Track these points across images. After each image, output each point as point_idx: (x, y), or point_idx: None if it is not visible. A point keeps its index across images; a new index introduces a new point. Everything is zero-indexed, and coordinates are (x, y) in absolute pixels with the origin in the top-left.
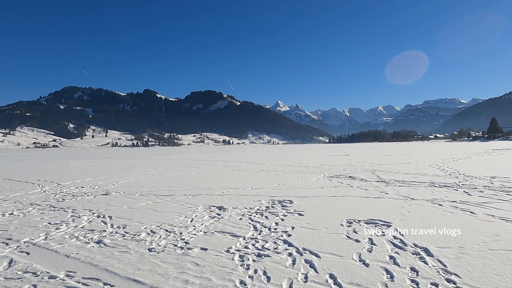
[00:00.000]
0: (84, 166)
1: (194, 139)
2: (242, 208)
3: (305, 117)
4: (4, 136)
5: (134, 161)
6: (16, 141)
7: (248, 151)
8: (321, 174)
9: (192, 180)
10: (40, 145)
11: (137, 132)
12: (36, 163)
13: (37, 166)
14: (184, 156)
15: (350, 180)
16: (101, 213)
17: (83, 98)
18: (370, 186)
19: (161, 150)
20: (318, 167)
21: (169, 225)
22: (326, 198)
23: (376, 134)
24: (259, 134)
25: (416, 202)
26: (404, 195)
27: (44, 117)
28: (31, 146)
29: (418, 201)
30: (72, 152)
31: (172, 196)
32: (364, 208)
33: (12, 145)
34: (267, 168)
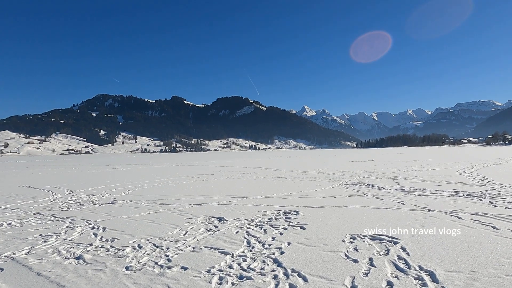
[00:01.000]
0: (106, 172)
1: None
2: (243, 220)
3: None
4: (40, 143)
5: (156, 168)
6: (51, 147)
7: (272, 156)
8: (338, 182)
9: (204, 187)
10: (73, 152)
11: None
12: (61, 170)
13: (60, 173)
14: (206, 162)
15: (367, 188)
16: (97, 224)
17: (114, 106)
18: (386, 195)
19: (187, 156)
20: (338, 174)
21: (160, 238)
22: (335, 208)
23: (406, 139)
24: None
25: (433, 214)
26: (422, 206)
27: (77, 124)
28: (65, 153)
29: (435, 213)
30: (101, 158)
31: (177, 206)
32: (374, 221)
33: (48, 152)
34: (284, 175)
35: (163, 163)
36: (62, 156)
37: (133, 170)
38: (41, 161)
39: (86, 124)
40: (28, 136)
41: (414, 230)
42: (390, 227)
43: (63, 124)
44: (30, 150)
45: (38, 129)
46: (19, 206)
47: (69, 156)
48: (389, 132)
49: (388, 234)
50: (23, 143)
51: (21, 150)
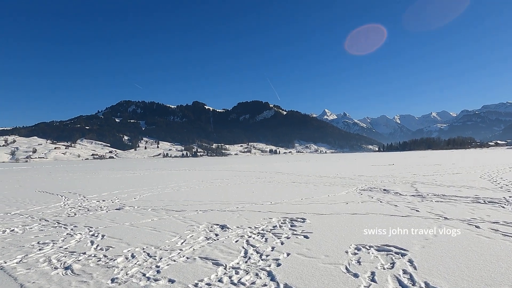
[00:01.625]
0: (122, 178)
1: (241, 149)
2: (246, 228)
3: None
4: (66, 148)
5: (173, 172)
6: (76, 153)
7: (291, 161)
8: (354, 187)
9: (215, 193)
10: (97, 157)
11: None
12: (81, 175)
13: (79, 178)
14: (225, 166)
15: (382, 194)
16: (98, 231)
17: (136, 112)
18: (402, 202)
19: (207, 160)
20: (355, 179)
21: (156, 247)
22: (345, 216)
23: (430, 142)
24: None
25: (448, 223)
26: (437, 214)
27: (101, 130)
28: (90, 158)
29: (451, 221)
30: (123, 163)
31: (183, 212)
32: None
33: (73, 157)
34: (299, 180)
35: (181, 168)
36: (86, 161)
37: (150, 175)
38: (65, 166)
39: (110, 130)
40: (55, 142)
41: (425, 240)
42: (400, 237)
43: (88, 130)
44: (57, 156)
45: (65, 135)
46: (28, 212)
47: (93, 161)
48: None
49: (396, 244)
50: (50, 148)
51: (48, 155)
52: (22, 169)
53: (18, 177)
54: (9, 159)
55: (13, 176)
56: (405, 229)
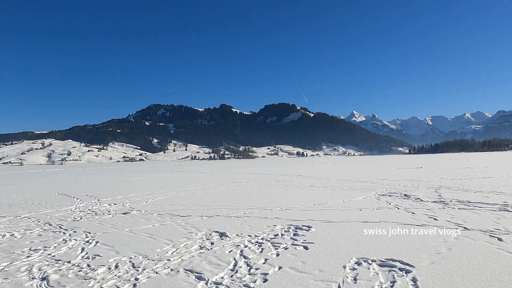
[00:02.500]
0: (144, 180)
1: (268, 151)
2: (245, 236)
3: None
4: (99, 151)
5: (195, 175)
6: (108, 155)
7: (317, 163)
8: (373, 192)
9: (228, 197)
10: (128, 159)
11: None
12: (106, 177)
13: (102, 181)
14: (248, 169)
15: (402, 199)
16: (94, 237)
17: (165, 115)
18: (421, 208)
19: (233, 163)
20: (377, 183)
21: (144, 256)
22: (354, 224)
23: (463, 144)
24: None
25: (467, 234)
26: (457, 223)
27: (132, 133)
28: (121, 160)
29: (471, 232)
30: (150, 165)
31: (187, 218)
32: (392, 241)
33: (105, 159)
34: (318, 184)
35: (205, 171)
36: (116, 164)
37: (171, 178)
38: (95, 168)
39: (140, 133)
40: (88, 144)
41: (436, 254)
42: (409, 250)
43: (119, 133)
44: (90, 158)
45: (97, 138)
46: (38, 215)
47: (123, 163)
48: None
49: (403, 259)
50: (84, 151)
51: (82, 158)
52: (54, 171)
53: (47, 180)
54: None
55: (42, 179)
56: (416, 240)
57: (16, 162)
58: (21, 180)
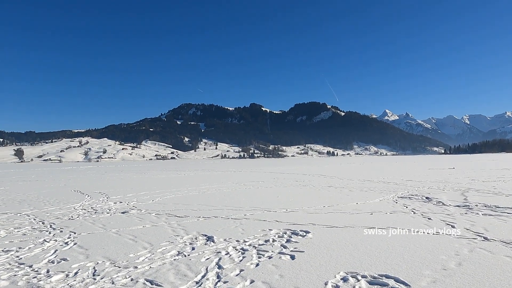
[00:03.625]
0: (164, 178)
1: (298, 150)
2: (233, 241)
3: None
4: (133, 149)
5: (217, 174)
6: (141, 153)
7: (345, 163)
8: (393, 193)
9: (237, 197)
10: (160, 157)
11: (244, 144)
12: (130, 175)
13: (125, 178)
14: (272, 168)
15: (421, 203)
16: (75, 238)
17: (196, 114)
18: (440, 214)
19: (261, 162)
20: (400, 184)
21: (112, 262)
22: (358, 230)
23: (503, 144)
24: (365, 145)
25: (486, 245)
26: (477, 232)
27: (164, 132)
28: (153, 158)
29: (491, 243)
30: (178, 163)
31: (183, 218)
32: (394, 252)
33: (138, 157)
34: (338, 184)
35: (229, 169)
36: (147, 162)
37: (192, 176)
38: (126, 166)
39: (172, 132)
40: (123, 143)
41: (442, 271)
42: (410, 264)
43: (152, 132)
44: (124, 156)
45: (131, 136)
46: (38, 213)
47: (154, 161)
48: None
49: (399, 275)
50: (118, 149)
51: (116, 156)
52: (86, 168)
53: (73, 176)
54: (83, 159)
55: (70, 175)
56: (422, 252)
57: (56, 159)
58: (50, 176)
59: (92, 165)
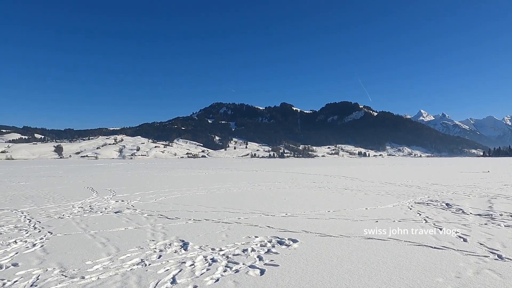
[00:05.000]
0: (180, 176)
1: (329, 150)
2: (208, 249)
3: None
4: (165, 147)
5: (238, 173)
6: (173, 151)
7: (374, 164)
8: (411, 199)
9: (242, 198)
10: (191, 156)
11: (274, 143)
12: (152, 172)
13: (144, 176)
14: (296, 168)
15: (439, 210)
16: (48, 239)
17: (227, 113)
18: (455, 223)
19: (288, 162)
20: (423, 188)
21: (61, 271)
22: (353, 241)
23: None
24: (399, 146)
25: (498, 266)
26: (493, 247)
27: (195, 130)
28: (184, 156)
29: (505, 263)
30: (205, 162)
31: (173, 221)
32: (379, 272)
33: (170, 155)
34: (355, 186)
35: (253, 169)
36: (178, 160)
37: (212, 175)
38: (155, 163)
39: (203, 130)
40: (155, 141)
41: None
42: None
43: (184, 130)
44: (157, 154)
45: (164, 135)
46: (34, 210)
47: (184, 159)
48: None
49: None
50: (151, 147)
51: (149, 153)
52: (116, 165)
53: (96, 173)
54: (117, 156)
55: (94, 172)
56: (415, 271)
57: (92, 156)
58: (76, 173)
59: (123, 162)
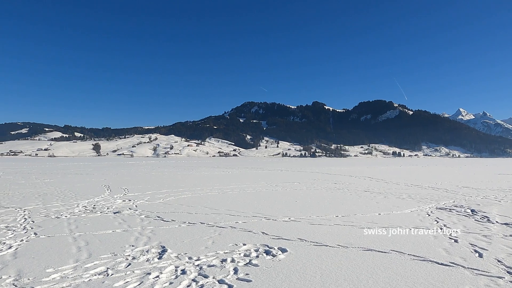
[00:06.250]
0: (206, 176)
1: (362, 150)
2: (185, 258)
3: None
4: (197, 145)
5: (262, 172)
6: (205, 150)
7: (406, 164)
8: (433, 203)
9: (252, 200)
10: (223, 154)
11: (305, 143)
12: (176, 171)
13: (167, 175)
14: (322, 169)
15: (461, 217)
16: (28, 241)
17: (258, 112)
18: (475, 234)
19: (319, 161)
20: (451, 191)
21: (16, 279)
22: (349, 251)
23: None
24: (436, 146)
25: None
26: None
27: (227, 129)
28: (216, 155)
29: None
30: (236, 161)
31: (167, 223)
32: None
33: (202, 154)
34: (377, 188)
35: (278, 168)
36: (209, 158)
37: (236, 174)
38: (185, 162)
39: (234, 129)
40: (188, 139)
41: None
42: None
43: (216, 129)
44: (189, 152)
45: (196, 133)
46: (39, 209)
47: (215, 158)
48: None
49: None
50: (184, 145)
51: (182, 152)
52: (146, 163)
53: (122, 171)
54: (152, 154)
55: (120, 170)
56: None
57: (128, 154)
58: (104, 170)
59: (154, 160)
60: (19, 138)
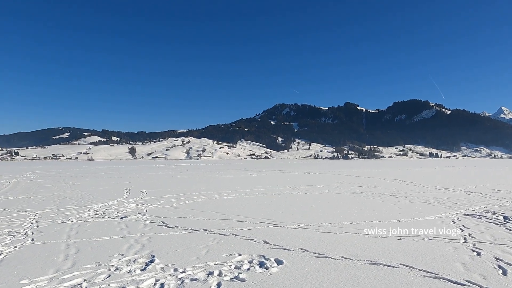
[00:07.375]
0: (230, 178)
1: (396, 151)
2: (171, 270)
3: None
4: (229, 148)
5: (289, 175)
6: (237, 152)
7: (442, 166)
8: (460, 209)
9: (266, 205)
10: (254, 157)
11: (338, 144)
12: (201, 173)
13: (192, 177)
14: (351, 171)
15: (492, 225)
16: (21, 247)
17: (290, 114)
18: (502, 246)
19: (351, 163)
20: (484, 195)
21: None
22: (352, 265)
23: None
24: (475, 147)
25: None
26: None
27: (258, 132)
28: (248, 157)
29: None
30: (265, 163)
31: (169, 229)
32: None
33: (234, 156)
34: (404, 192)
35: (305, 170)
36: (240, 160)
37: (262, 176)
38: (215, 164)
39: (265, 132)
40: (220, 142)
41: None
42: None
43: (247, 132)
44: (221, 155)
45: (228, 136)
46: (52, 213)
47: (246, 160)
48: None
49: None
50: (216, 148)
51: (214, 154)
52: (177, 166)
53: (150, 174)
54: (185, 157)
55: (148, 173)
56: None
57: (162, 157)
58: (134, 173)
59: (185, 163)
60: (61, 143)
